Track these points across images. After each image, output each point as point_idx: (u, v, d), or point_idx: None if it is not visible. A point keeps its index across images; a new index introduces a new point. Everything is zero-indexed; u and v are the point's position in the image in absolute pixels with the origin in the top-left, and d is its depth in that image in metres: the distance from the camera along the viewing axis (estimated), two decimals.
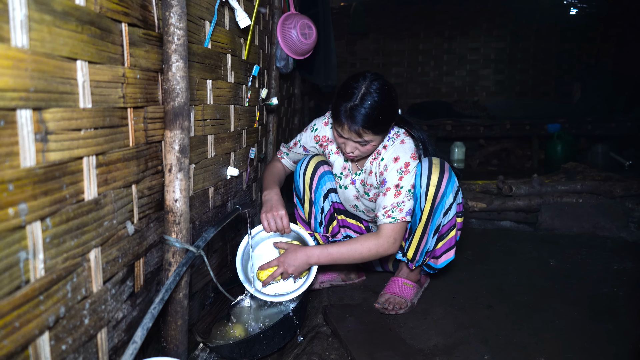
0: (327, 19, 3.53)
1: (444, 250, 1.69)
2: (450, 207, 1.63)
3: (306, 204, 1.85)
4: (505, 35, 7.21)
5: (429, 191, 1.59)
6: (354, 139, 1.55)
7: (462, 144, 5.93)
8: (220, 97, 1.58)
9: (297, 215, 1.94)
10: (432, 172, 1.60)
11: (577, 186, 2.87)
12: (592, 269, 2.10)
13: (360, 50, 7.49)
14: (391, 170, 1.62)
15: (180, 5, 1.08)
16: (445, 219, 1.64)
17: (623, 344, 1.43)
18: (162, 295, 1.03)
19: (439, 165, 1.62)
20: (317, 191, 1.82)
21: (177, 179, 1.14)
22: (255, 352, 1.45)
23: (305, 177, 1.82)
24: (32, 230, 0.70)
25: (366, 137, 1.53)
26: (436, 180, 1.59)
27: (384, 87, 1.52)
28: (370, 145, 1.58)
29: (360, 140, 1.55)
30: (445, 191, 1.61)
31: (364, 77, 1.53)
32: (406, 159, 1.62)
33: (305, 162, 1.83)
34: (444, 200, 1.61)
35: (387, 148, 1.66)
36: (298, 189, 1.86)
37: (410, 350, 1.39)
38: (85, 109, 0.82)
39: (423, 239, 1.66)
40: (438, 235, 1.66)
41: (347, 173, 1.82)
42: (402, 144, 1.65)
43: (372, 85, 1.50)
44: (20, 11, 0.65)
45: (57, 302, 0.76)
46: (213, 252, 1.66)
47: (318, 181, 1.81)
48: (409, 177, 1.61)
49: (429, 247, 1.67)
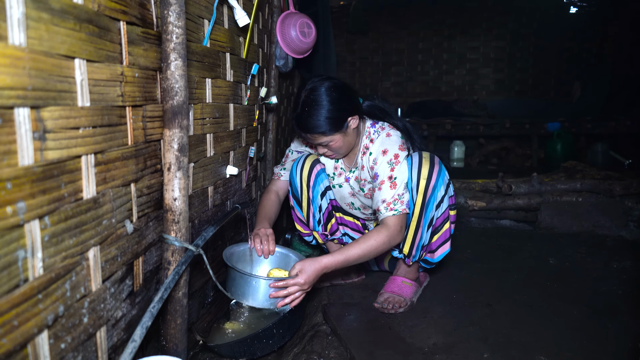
0: (327, 18, 3.53)
1: (440, 244, 1.71)
2: (442, 199, 1.66)
3: (304, 203, 1.84)
4: (505, 34, 7.20)
5: (420, 184, 1.62)
6: (316, 142, 1.62)
7: (462, 143, 5.94)
8: (219, 96, 1.58)
9: (295, 217, 1.92)
10: (422, 166, 1.63)
11: (577, 185, 2.87)
12: (592, 267, 2.10)
13: (360, 49, 7.49)
14: (381, 163, 1.64)
15: (179, 4, 1.08)
16: (438, 211, 1.66)
17: (622, 342, 1.43)
18: (161, 294, 1.03)
19: (428, 158, 1.65)
20: (315, 189, 1.81)
21: (176, 177, 1.14)
22: (255, 350, 1.45)
23: (302, 176, 1.80)
24: (30, 229, 0.70)
25: (323, 139, 1.59)
26: (426, 173, 1.62)
27: (323, 89, 1.57)
28: (335, 143, 1.62)
29: (322, 142, 1.60)
30: (436, 184, 1.63)
31: (303, 86, 1.61)
32: (395, 151, 1.64)
33: (302, 161, 1.83)
34: (435, 192, 1.63)
35: (374, 142, 1.69)
36: (295, 189, 1.85)
37: (409, 348, 1.39)
38: (83, 107, 0.82)
39: (417, 233, 1.67)
40: (432, 229, 1.68)
41: (340, 172, 1.83)
42: (388, 136, 1.68)
43: (312, 92, 1.57)
44: (18, 9, 0.65)
45: (56, 301, 0.76)
46: (212, 250, 1.66)
47: (315, 179, 1.80)
48: (400, 168, 1.63)
49: (424, 242, 1.69)
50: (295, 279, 1.44)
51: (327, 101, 1.56)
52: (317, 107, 1.55)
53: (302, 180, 1.81)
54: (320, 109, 1.55)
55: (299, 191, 1.84)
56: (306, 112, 1.55)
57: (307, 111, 1.55)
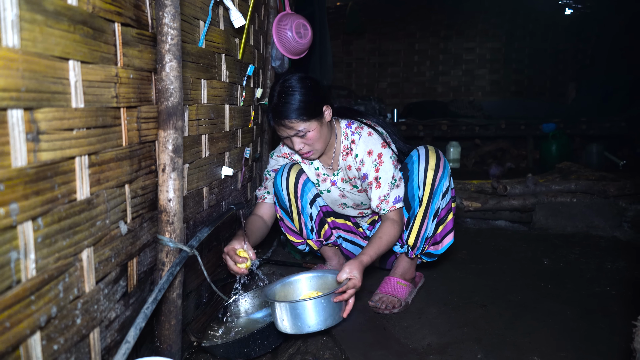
0: (323, 19, 3.54)
1: (444, 234, 1.76)
2: (447, 190, 1.72)
3: (294, 214, 1.82)
4: (500, 35, 7.24)
5: (428, 175, 1.68)
6: (292, 134, 1.62)
7: (458, 144, 5.95)
8: (214, 97, 1.58)
9: (285, 228, 1.89)
10: (429, 157, 1.71)
11: (571, 186, 2.88)
12: (586, 268, 2.11)
13: (356, 50, 7.51)
14: (367, 164, 1.70)
15: (174, 5, 1.08)
16: (443, 202, 1.72)
17: (615, 343, 1.43)
18: (155, 295, 1.03)
19: (434, 150, 1.74)
20: (303, 198, 1.79)
21: (171, 178, 1.14)
22: (250, 351, 1.45)
23: (289, 187, 1.78)
24: (23, 230, 0.70)
25: (300, 127, 1.60)
26: (434, 164, 1.69)
27: (292, 80, 1.62)
28: (311, 134, 1.63)
29: (298, 131, 1.61)
30: (443, 174, 1.70)
31: (277, 81, 1.66)
32: (378, 150, 1.69)
33: (286, 172, 1.79)
34: (442, 183, 1.70)
35: (355, 142, 1.72)
36: (282, 200, 1.80)
37: (404, 349, 1.40)
38: (77, 108, 0.82)
39: (424, 224, 1.71)
40: (437, 220, 1.73)
41: (325, 177, 1.84)
42: (369, 135, 1.72)
43: (287, 82, 1.62)
44: (12, 11, 0.65)
45: (48, 302, 0.76)
46: (207, 251, 1.66)
47: (302, 188, 1.79)
48: (385, 167, 1.68)
49: (429, 233, 1.72)
50: (352, 280, 1.43)
51: (301, 87, 1.61)
52: (292, 92, 1.59)
53: (289, 191, 1.78)
54: (295, 94, 1.59)
55: (286, 202, 1.80)
56: (282, 99, 1.58)
57: (284, 98, 1.58)
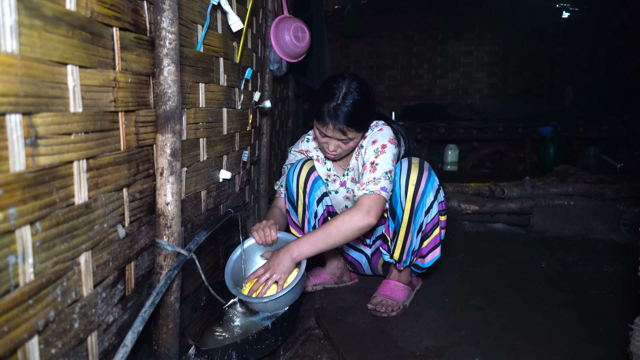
0: (321, 22, 3.55)
1: (430, 249, 1.71)
2: (432, 205, 1.66)
3: (299, 209, 1.84)
4: (498, 39, 7.26)
5: (409, 190, 1.63)
6: (337, 137, 1.61)
7: (456, 147, 5.97)
8: (212, 101, 1.58)
9: (290, 221, 1.92)
10: (410, 171, 1.64)
11: (569, 189, 2.89)
12: (583, 271, 2.12)
13: (354, 53, 7.52)
14: (369, 152, 1.67)
15: (172, 10, 1.09)
16: (427, 217, 1.67)
17: (611, 346, 1.44)
18: (153, 299, 1.03)
19: (417, 164, 1.67)
20: (312, 195, 1.81)
21: (169, 182, 1.14)
22: (248, 355, 1.45)
23: (299, 181, 1.80)
24: (21, 235, 0.70)
25: (349, 135, 1.60)
26: (415, 179, 1.63)
27: (363, 86, 1.61)
28: (352, 143, 1.65)
29: (344, 139, 1.61)
30: (425, 190, 1.63)
31: (343, 77, 1.61)
32: (383, 142, 1.66)
33: (298, 167, 1.82)
34: (424, 198, 1.64)
35: (366, 137, 1.73)
36: (291, 194, 1.84)
37: (401, 352, 1.40)
38: (75, 113, 0.82)
39: (407, 239, 1.68)
40: (422, 235, 1.68)
41: (335, 178, 1.85)
42: (380, 130, 1.71)
43: (352, 84, 1.59)
44: (10, 17, 0.66)
45: (46, 306, 0.76)
46: (205, 255, 1.66)
47: (312, 185, 1.80)
48: (385, 157, 1.63)
49: (415, 247, 1.69)
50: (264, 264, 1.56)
51: (366, 99, 1.60)
52: (359, 102, 1.57)
53: (298, 185, 1.81)
54: (360, 105, 1.57)
55: (294, 196, 1.83)
56: (346, 103, 1.56)
57: (350, 104, 1.56)
